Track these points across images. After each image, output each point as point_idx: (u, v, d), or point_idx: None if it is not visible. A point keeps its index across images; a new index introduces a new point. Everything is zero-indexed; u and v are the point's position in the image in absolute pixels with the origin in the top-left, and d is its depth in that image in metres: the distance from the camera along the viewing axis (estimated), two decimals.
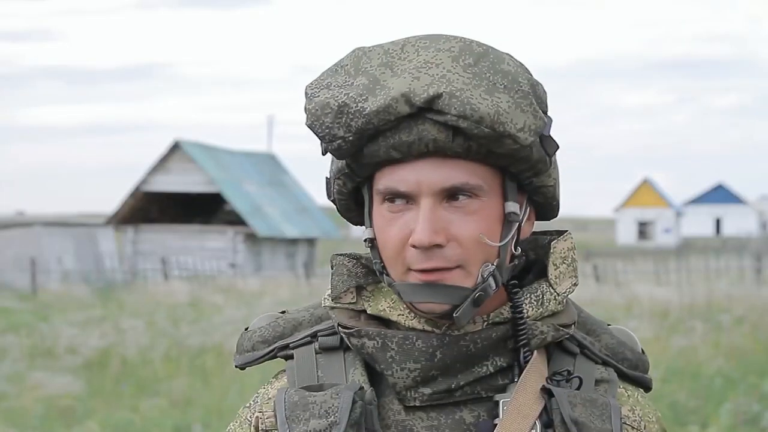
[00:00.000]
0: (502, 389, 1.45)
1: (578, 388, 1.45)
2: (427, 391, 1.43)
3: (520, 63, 1.43)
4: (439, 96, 1.36)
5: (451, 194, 1.40)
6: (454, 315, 1.40)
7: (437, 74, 1.37)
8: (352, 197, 1.49)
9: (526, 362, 1.44)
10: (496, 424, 1.42)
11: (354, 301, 1.50)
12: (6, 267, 31.75)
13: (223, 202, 41.84)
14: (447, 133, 1.37)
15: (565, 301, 1.49)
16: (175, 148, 40.12)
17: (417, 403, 1.44)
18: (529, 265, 1.53)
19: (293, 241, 42.31)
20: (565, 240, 1.51)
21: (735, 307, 16.47)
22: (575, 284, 1.49)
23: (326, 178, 1.51)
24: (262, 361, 1.55)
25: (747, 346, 13.06)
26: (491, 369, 1.44)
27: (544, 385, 1.43)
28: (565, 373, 1.45)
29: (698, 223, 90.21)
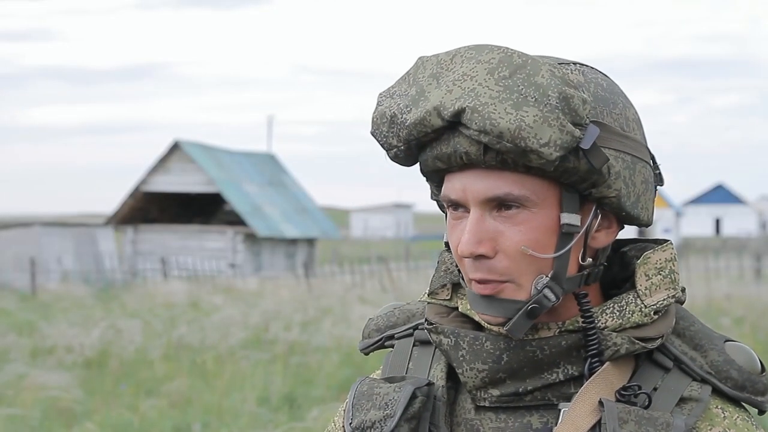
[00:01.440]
0: (571, 398, 1.43)
1: (648, 405, 1.41)
2: (495, 392, 1.44)
3: (563, 73, 1.38)
4: (462, 110, 1.36)
5: (500, 204, 1.40)
6: (504, 329, 1.40)
7: (468, 87, 1.38)
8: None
9: (592, 373, 1.43)
10: None
11: (449, 297, 1.52)
12: (6, 267, 31.74)
13: (223, 202, 41.84)
14: (478, 147, 1.38)
15: (655, 313, 1.45)
16: (175, 148, 40.11)
17: (486, 404, 1.45)
18: (632, 273, 1.50)
19: (293, 241, 42.30)
20: (663, 251, 1.48)
21: (735, 307, 16.48)
22: (673, 297, 1.46)
23: None
24: (373, 349, 1.59)
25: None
26: (561, 377, 1.43)
27: (601, 399, 1.41)
28: (636, 388, 1.42)
29: (698, 223, 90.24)
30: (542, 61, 1.40)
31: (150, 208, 41.08)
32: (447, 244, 1.50)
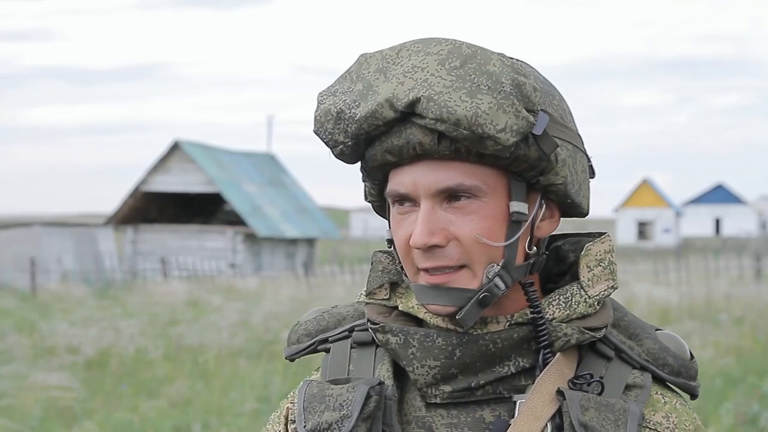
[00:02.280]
0: (523, 390, 1.45)
1: (601, 393, 1.44)
2: (447, 388, 1.44)
3: (512, 62, 1.41)
4: (417, 100, 1.37)
5: (450, 195, 1.41)
6: (457, 317, 1.41)
7: (420, 78, 1.39)
8: (383, 198, 1.52)
9: (546, 364, 1.44)
10: (510, 424, 1.42)
11: (387, 297, 1.53)
12: (6, 267, 31.74)
13: (223, 202, 41.83)
14: (432, 136, 1.38)
15: (597, 303, 1.47)
16: (175, 148, 40.10)
17: (437, 400, 1.45)
18: (569, 266, 1.53)
19: (293, 241, 42.29)
20: (602, 242, 1.51)
21: (734, 307, 16.47)
22: (612, 287, 1.48)
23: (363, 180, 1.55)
24: (304, 354, 1.59)
25: (746, 346, 13.06)
26: (513, 369, 1.44)
27: (559, 388, 1.42)
28: (588, 377, 1.44)
29: (698, 223, 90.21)
30: (491, 51, 1.42)
31: (150, 208, 41.07)
32: (390, 242, 1.49)
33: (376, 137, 1.41)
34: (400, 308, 1.51)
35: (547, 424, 1.41)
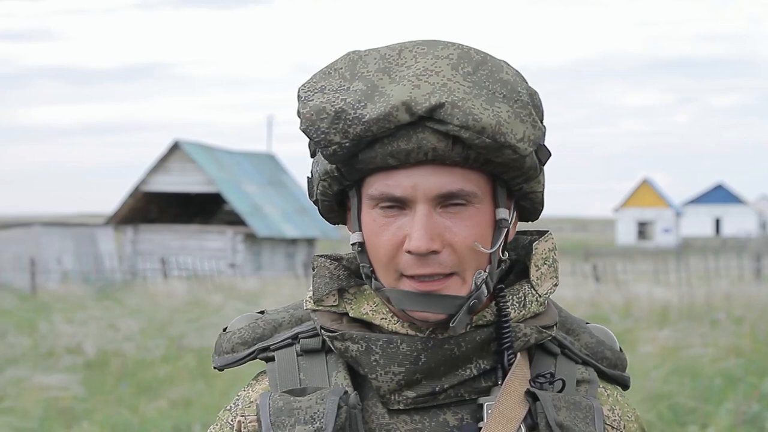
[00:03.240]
0: (486, 392, 1.44)
1: (561, 390, 1.45)
2: (411, 394, 1.43)
3: (517, 71, 1.42)
4: (441, 105, 1.35)
5: (446, 200, 1.39)
6: (450, 324, 1.39)
7: (438, 83, 1.36)
8: (336, 199, 1.48)
9: (510, 365, 1.44)
10: (481, 427, 1.42)
11: (336, 303, 1.49)
12: (6, 267, 31.74)
13: (223, 202, 41.83)
14: (447, 142, 1.36)
15: (546, 302, 1.49)
16: (175, 148, 40.11)
17: (401, 407, 1.44)
18: (511, 265, 1.53)
19: (293, 241, 42.29)
20: (546, 241, 1.51)
21: (734, 307, 16.46)
22: (556, 285, 1.49)
23: (308, 177, 1.50)
24: (242, 363, 1.53)
25: (746, 346, 13.06)
26: (475, 372, 1.43)
27: (528, 389, 1.43)
28: (549, 376, 1.45)
29: (698, 223, 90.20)
30: (496, 57, 1.42)
31: (150, 208, 41.07)
32: (361, 245, 1.44)
33: (378, 139, 1.37)
34: (351, 315, 1.47)
35: (520, 426, 1.41)
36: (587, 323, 1.58)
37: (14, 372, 12.21)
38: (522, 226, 1.54)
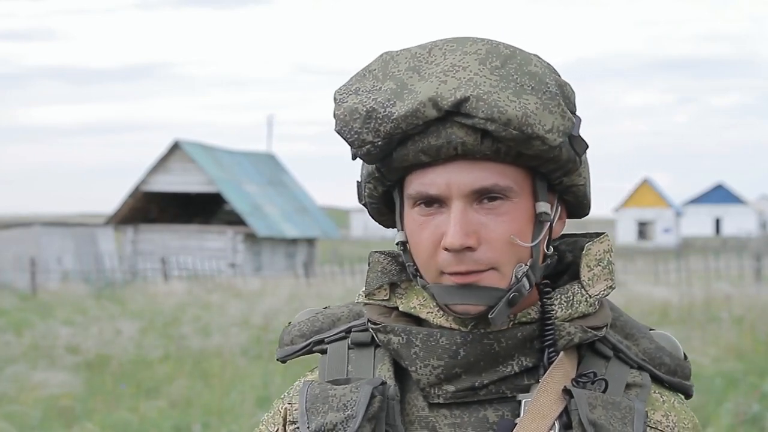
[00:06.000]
0: (527, 389, 1.44)
1: (604, 391, 1.44)
2: (450, 388, 1.43)
3: (548, 64, 1.42)
4: (466, 99, 1.36)
5: (481, 196, 1.40)
6: (489, 316, 1.40)
7: (464, 77, 1.37)
8: (383, 201, 1.49)
9: (551, 363, 1.44)
10: (516, 423, 1.42)
11: (387, 297, 1.51)
12: (6, 267, 31.75)
13: (223, 202, 41.84)
14: (475, 136, 1.37)
15: (597, 303, 1.48)
16: (175, 148, 40.12)
17: (440, 401, 1.44)
18: (567, 266, 1.53)
19: (293, 241, 42.30)
20: (601, 242, 1.50)
21: (734, 307, 16.47)
22: (611, 287, 1.48)
23: (357, 181, 1.52)
24: (299, 355, 1.57)
25: (746, 346, 13.06)
26: (516, 369, 1.44)
27: (565, 386, 1.42)
28: (591, 375, 1.44)
29: (698, 223, 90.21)
30: (526, 51, 1.42)
31: (150, 208, 41.08)
32: (403, 244, 1.46)
33: (409, 137, 1.39)
34: (400, 309, 1.49)
35: (554, 423, 1.41)
36: (651, 329, 1.57)
37: (14, 372, 12.21)
38: (577, 226, 1.52)
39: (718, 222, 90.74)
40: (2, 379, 11.80)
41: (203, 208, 42.87)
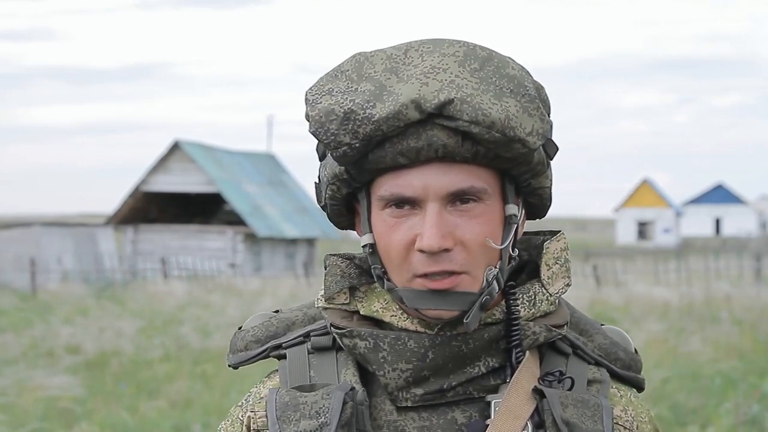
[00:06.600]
0: (494, 390, 1.44)
1: (570, 389, 1.45)
2: (419, 391, 1.43)
3: (522, 66, 1.43)
4: (450, 101, 1.35)
5: (455, 198, 1.39)
6: (464, 321, 1.39)
7: (446, 79, 1.37)
8: (344, 202, 1.48)
9: (518, 363, 1.44)
10: (488, 425, 1.42)
11: (347, 301, 1.50)
12: (6, 267, 31.73)
13: (223, 202, 41.83)
14: (456, 139, 1.37)
15: (557, 301, 1.49)
16: (175, 148, 40.12)
17: (409, 404, 1.44)
18: (522, 265, 1.53)
19: (293, 241, 42.30)
20: (558, 240, 1.51)
21: (734, 307, 16.47)
22: (568, 285, 1.49)
23: (315, 182, 1.50)
24: (255, 361, 1.54)
25: (746, 346, 13.06)
26: (483, 369, 1.44)
27: (536, 386, 1.43)
28: (557, 374, 1.45)
29: (698, 223, 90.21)
30: (501, 54, 1.42)
31: (150, 208, 41.08)
32: (372, 246, 1.43)
33: (387, 139, 1.37)
34: (362, 312, 1.48)
35: (527, 423, 1.41)
36: (602, 325, 1.58)
37: (14, 372, 12.22)
38: (533, 225, 1.55)
39: (718, 222, 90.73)
40: (2, 380, 11.80)
41: (203, 208, 42.86)
